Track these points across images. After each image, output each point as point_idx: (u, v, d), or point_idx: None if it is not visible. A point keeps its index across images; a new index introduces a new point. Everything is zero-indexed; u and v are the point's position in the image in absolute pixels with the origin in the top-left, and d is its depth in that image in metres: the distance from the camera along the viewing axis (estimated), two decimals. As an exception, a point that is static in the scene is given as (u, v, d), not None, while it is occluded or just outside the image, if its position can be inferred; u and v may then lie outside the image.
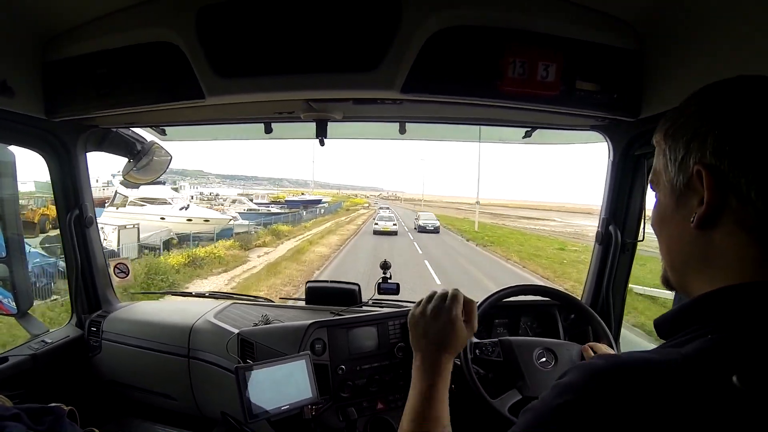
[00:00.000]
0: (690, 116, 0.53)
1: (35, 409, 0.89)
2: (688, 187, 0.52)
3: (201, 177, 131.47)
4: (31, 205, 16.98)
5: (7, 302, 1.68)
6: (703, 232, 0.51)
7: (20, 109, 1.34)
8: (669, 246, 0.58)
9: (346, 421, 1.37)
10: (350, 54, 1.13)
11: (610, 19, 1.15)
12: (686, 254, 0.55)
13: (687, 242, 0.54)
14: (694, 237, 0.53)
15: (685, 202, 0.53)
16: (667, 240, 0.58)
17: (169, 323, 1.85)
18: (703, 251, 0.52)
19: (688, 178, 0.52)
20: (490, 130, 1.69)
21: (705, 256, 0.52)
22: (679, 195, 0.54)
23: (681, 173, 0.53)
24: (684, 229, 0.54)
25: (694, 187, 0.52)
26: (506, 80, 1.14)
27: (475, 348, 1.44)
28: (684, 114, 0.54)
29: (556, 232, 34.70)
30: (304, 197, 50.31)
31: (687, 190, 0.53)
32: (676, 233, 0.56)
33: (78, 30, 1.31)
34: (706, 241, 0.52)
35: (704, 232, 0.51)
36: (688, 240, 0.54)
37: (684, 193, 0.53)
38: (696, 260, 0.54)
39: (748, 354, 0.42)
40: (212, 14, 1.15)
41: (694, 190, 0.52)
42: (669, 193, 0.56)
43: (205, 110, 1.45)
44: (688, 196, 0.53)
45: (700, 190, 0.50)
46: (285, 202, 44.01)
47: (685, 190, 0.53)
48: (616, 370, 0.45)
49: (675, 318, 0.54)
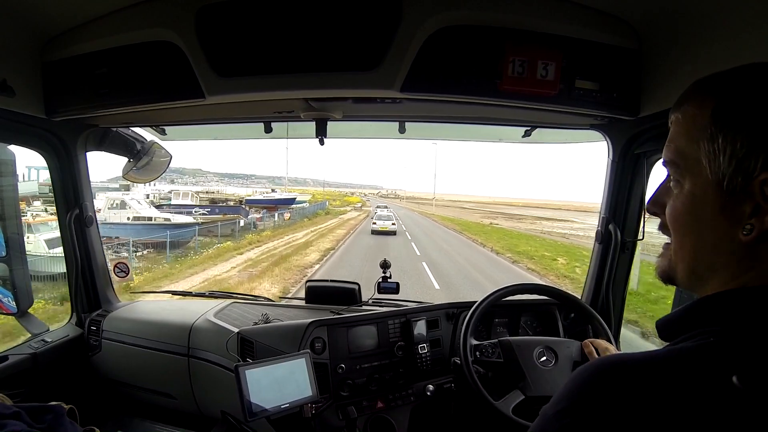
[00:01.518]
0: (757, 103, 0.45)
1: (35, 407, 0.89)
2: (745, 191, 0.45)
3: (199, 175, 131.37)
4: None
5: (7, 301, 1.68)
6: (753, 245, 0.46)
7: (20, 108, 1.35)
8: (698, 249, 0.51)
9: (346, 419, 1.38)
10: (350, 53, 1.14)
11: (609, 18, 1.16)
12: (718, 263, 0.49)
13: (726, 250, 0.48)
14: (736, 246, 0.47)
15: (735, 206, 0.46)
16: (697, 242, 0.51)
17: (169, 322, 1.85)
18: (742, 262, 0.47)
19: (749, 182, 0.45)
20: (490, 129, 1.69)
21: (741, 267, 0.47)
22: (729, 197, 0.46)
23: (739, 173, 0.45)
24: (726, 235, 0.47)
25: (753, 194, 0.45)
26: (506, 79, 1.14)
27: (476, 350, 1.43)
28: (750, 100, 0.46)
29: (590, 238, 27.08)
30: (273, 195, 39.44)
31: (742, 193, 0.45)
32: (714, 238, 0.49)
33: (78, 30, 1.31)
34: (750, 253, 0.46)
35: (755, 246, 0.46)
36: (728, 248, 0.48)
37: (736, 197, 0.46)
38: (728, 269, 0.48)
39: (749, 354, 0.42)
40: (212, 14, 1.15)
41: (752, 197, 0.45)
42: (711, 190, 0.48)
43: (205, 110, 1.45)
44: (742, 200, 0.46)
45: (760, 200, 0.44)
46: (239, 202, 33.60)
47: (739, 195, 0.46)
48: (615, 370, 0.45)
49: (678, 320, 0.52)
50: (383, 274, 1.83)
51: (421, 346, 1.57)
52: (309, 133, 1.55)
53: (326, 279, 2.07)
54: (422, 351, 1.57)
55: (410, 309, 1.68)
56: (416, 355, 1.56)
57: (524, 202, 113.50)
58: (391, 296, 1.86)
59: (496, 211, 58.02)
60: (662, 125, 1.27)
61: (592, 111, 1.24)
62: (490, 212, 52.84)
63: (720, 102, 0.47)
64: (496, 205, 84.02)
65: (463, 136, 1.95)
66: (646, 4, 1.09)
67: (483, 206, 74.81)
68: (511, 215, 50.76)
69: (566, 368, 1.38)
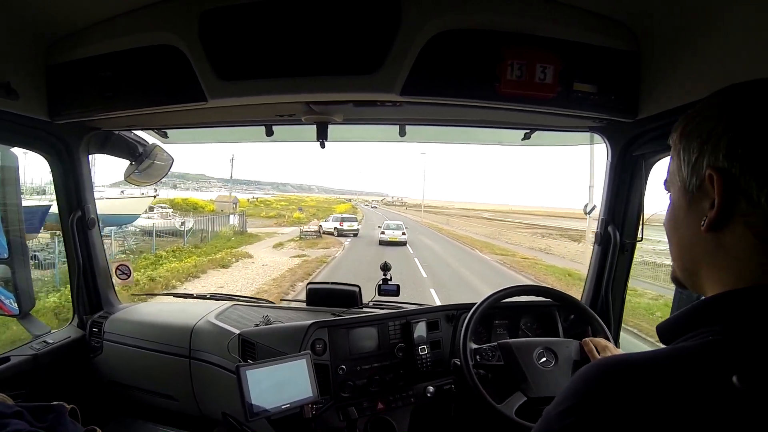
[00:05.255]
0: (705, 118, 0.53)
1: (37, 407, 0.90)
2: (701, 190, 0.52)
3: (203, 181, 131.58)
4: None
5: (9, 303, 1.69)
6: (713, 234, 0.51)
7: (24, 111, 1.36)
8: (680, 247, 0.58)
9: (346, 420, 1.38)
10: (350, 57, 1.15)
11: (607, 21, 1.17)
12: (696, 255, 0.55)
13: (697, 244, 0.54)
14: (704, 239, 0.53)
15: (697, 204, 0.53)
16: (679, 241, 0.58)
17: (170, 324, 1.86)
18: (712, 253, 0.52)
19: (701, 180, 0.52)
20: (490, 131, 1.70)
21: (714, 258, 0.52)
22: (692, 197, 0.54)
23: (694, 175, 0.53)
24: (695, 231, 0.54)
25: (706, 190, 0.51)
26: (504, 82, 1.15)
27: (476, 354, 1.44)
28: (700, 115, 0.54)
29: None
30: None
31: (699, 192, 0.53)
32: (688, 235, 0.56)
33: (81, 33, 1.32)
34: (716, 243, 0.51)
35: (714, 235, 0.51)
36: (698, 242, 0.54)
37: (696, 195, 0.53)
38: (706, 262, 0.54)
39: (749, 354, 0.42)
40: (214, 18, 1.17)
41: (706, 193, 0.51)
42: (682, 195, 0.56)
43: (207, 113, 1.46)
44: (701, 198, 0.52)
45: (712, 194, 0.50)
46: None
47: (698, 193, 0.53)
48: (616, 370, 0.46)
49: (678, 322, 0.54)
50: (384, 277, 1.84)
51: (422, 348, 1.58)
52: (310, 136, 1.56)
53: (327, 281, 2.07)
54: (422, 352, 1.57)
55: (410, 311, 1.69)
56: (416, 357, 1.56)
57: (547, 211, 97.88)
58: (391, 298, 1.87)
59: (510, 221, 46.96)
60: (660, 127, 1.29)
61: (590, 113, 1.25)
62: (500, 221, 43.28)
63: (683, 122, 0.56)
64: (507, 213, 74.14)
65: (463, 139, 1.96)
66: (643, 7, 1.10)
67: (504, 215, 63.26)
68: (530, 225, 40.83)
69: (567, 368, 1.38)
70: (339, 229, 24.03)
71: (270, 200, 75.02)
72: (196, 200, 41.32)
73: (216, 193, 61.34)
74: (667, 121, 1.21)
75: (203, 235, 18.71)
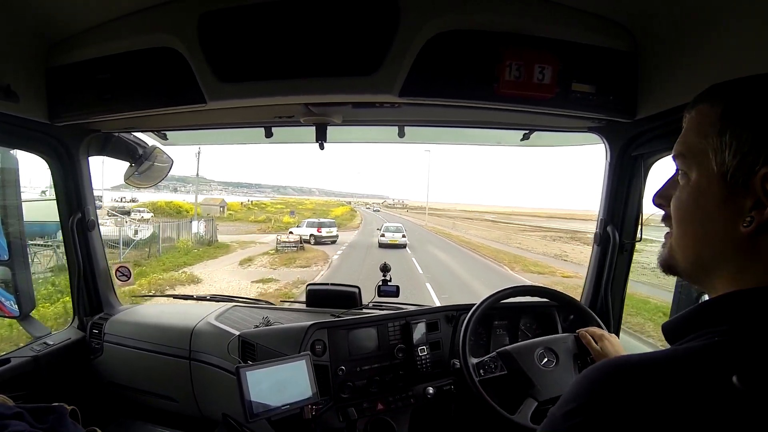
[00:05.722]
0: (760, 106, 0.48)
1: (38, 408, 0.90)
2: (746, 186, 0.47)
3: (203, 183, 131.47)
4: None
5: (9, 305, 1.69)
6: (752, 236, 0.47)
7: (24, 113, 1.36)
8: (700, 241, 0.53)
9: (346, 421, 1.38)
10: (349, 58, 1.15)
11: (605, 21, 1.17)
12: (722, 254, 0.51)
13: (727, 242, 0.50)
14: (738, 239, 0.48)
15: (737, 199, 0.48)
16: (700, 232, 0.53)
17: (170, 325, 1.86)
18: (743, 254, 0.49)
19: (751, 177, 0.47)
20: (488, 132, 1.70)
21: (743, 259, 0.49)
22: (732, 189, 0.48)
23: (742, 168, 0.47)
24: (728, 227, 0.49)
25: (753, 187, 0.47)
26: (503, 83, 1.15)
27: (479, 368, 1.42)
28: (759, 102, 0.48)
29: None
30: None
31: (743, 188, 0.48)
32: (715, 229, 0.51)
33: (81, 36, 1.33)
34: (750, 245, 0.48)
35: (753, 237, 0.47)
36: (730, 240, 0.49)
37: (738, 190, 0.48)
38: (731, 262, 0.50)
39: (749, 354, 0.42)
40: (213, 20, 1.17)
41: (753, 190, 0.47)
42: (715, 182, 0.50)
43: (206, 114, 1.46)
44: (744, 194, 0.48)
45: (760, 194, 0.46)
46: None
47: (741, 188, 0.48)
48: (620, 371, 0.46)
49: (684, 322, 0.53)
50: (383, 278, 1.84)
51: (421, 349, 1.58)
52: (309, 137, 1.56)
53: (326, 282, 2.08)
54: (422, 353, 1.57)
55: (410, 312, 1.69)
56: (416, 358, 1.56)
57: (549, 212, 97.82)
58: (391, 299, 1.87)
59: (536, 226, 43.52)
60: (659, 127, 1.30)
61: (589, 114, 1.25)
62: (525, 227, 38.82)
63: (731, 101, 0.50)
64: (519, 216, 71.23)
65: (462, 140, 1.96)
66: (641, 8, 1.10)
67: (507, 217, 60.08)
68: (545, 229, 38.73)
69: (568, 364, 1.39)
70: (316, 236, 21.54)
71: (266, 203, 73.59)
72: (180, 203, 39.56)
73: (215, 196, 59.75)
74: (666, 121, 1.22)
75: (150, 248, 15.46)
